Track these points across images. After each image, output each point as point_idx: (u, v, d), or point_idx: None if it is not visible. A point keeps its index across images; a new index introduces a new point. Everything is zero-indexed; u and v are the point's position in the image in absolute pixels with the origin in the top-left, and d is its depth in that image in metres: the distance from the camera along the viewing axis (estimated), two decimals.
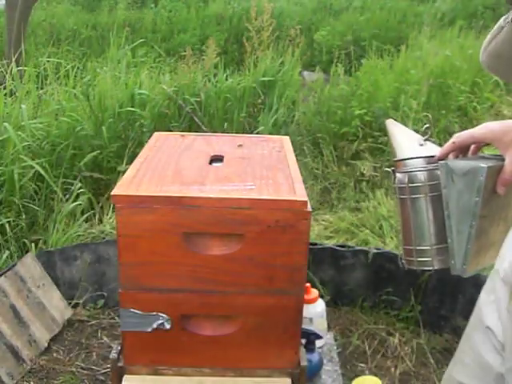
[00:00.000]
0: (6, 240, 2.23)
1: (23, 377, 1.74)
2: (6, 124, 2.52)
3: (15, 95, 3.02)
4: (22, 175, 2.45)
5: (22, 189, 2.43)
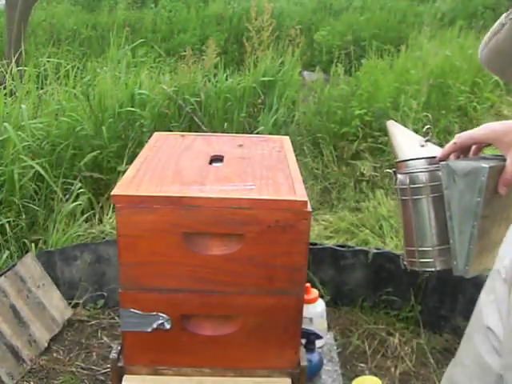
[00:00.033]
0: (6, 240, 2.23)
1: (23, 377, 1.74)
2: (5, 124, 2.52)
3: (15, 95, 3.02)
4: (22, 175, 2.45)
5: (22, 189, 2.43)
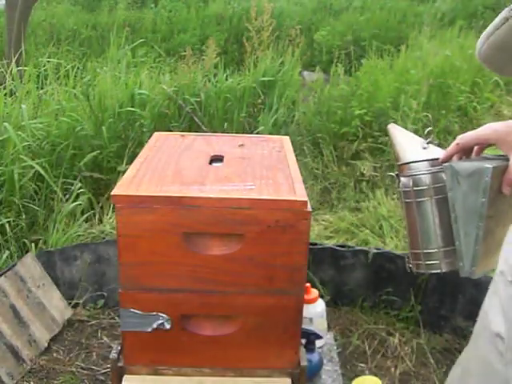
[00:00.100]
0: (6, 240, 2.23)
1: (23, 377, 1.74)
2: (5, 124, 2.52)
3: (15, 95, 3.02)
4: (22, 175, 2.45)
5: (22, 189, 2.43)
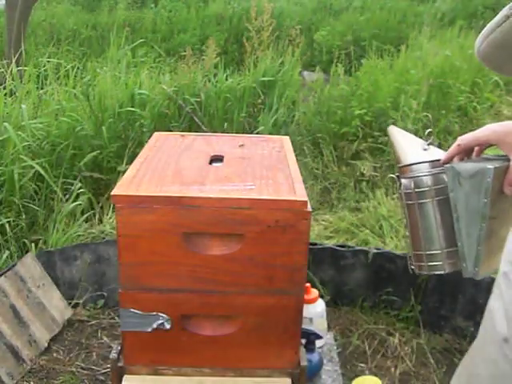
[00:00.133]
0: (6, 240, 2.23)
1: (23, 377, 1.74)
2: (5, 124, 2.52)
3: (15, 95, 3.02)
4: (22, 175, 2.45)
5: (22, 189, 2.43)
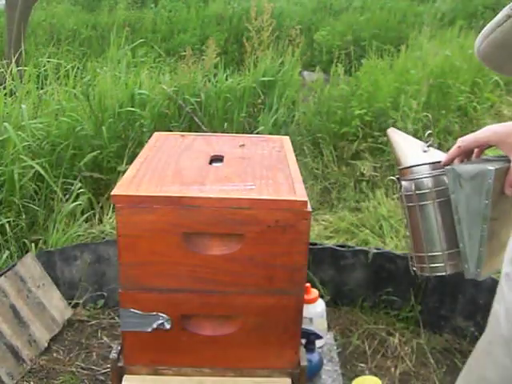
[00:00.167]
0: (6, 240, 2.23)
1: (23, 377, 1.74)
2: (5, 124, 2.52)
3: (15, 95, 3.02)
4: (22, 175, 2.45)
5: (22, 189, 2.43)
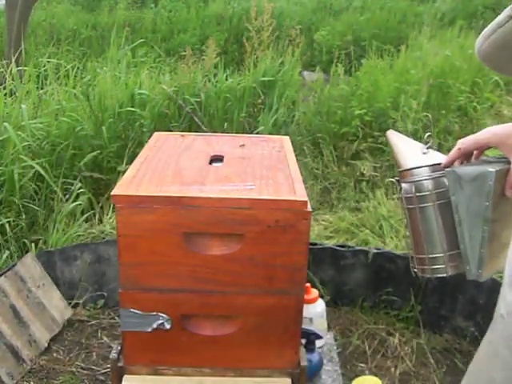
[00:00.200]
0: (6, 240, 2.23)
1: (23, 377, 1.74)
2: (5, 124, 2.52)
3: (15, 95, 3.02)
4: (22, 175, 2.45)
5: (22, 189, 2.43)
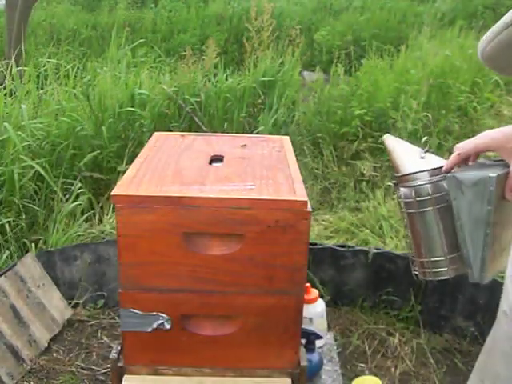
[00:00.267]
0: (6, 240, 2.23)
1: (23, 377, 1.74)
2: (5, 124, 2.52)
3: (15, 95, 3.02)
4: (22, 175, 2.45)
5: (22, 189, 2.43)
